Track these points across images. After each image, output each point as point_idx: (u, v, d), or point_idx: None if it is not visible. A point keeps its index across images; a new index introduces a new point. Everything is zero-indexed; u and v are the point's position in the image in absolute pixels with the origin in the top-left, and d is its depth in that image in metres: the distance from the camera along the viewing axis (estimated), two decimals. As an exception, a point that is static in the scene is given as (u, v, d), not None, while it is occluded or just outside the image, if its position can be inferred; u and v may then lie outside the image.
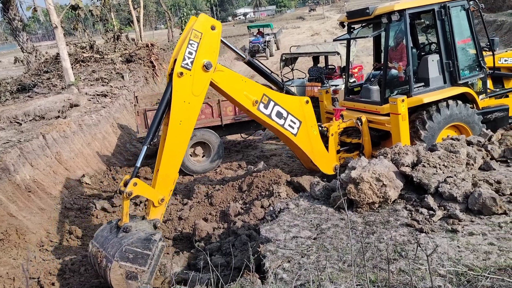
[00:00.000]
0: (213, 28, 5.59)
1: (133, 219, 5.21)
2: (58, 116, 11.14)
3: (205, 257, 4.74)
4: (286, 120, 6.51)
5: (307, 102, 6.82)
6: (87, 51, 18.37)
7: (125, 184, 5.00)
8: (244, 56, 6.51)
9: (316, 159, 7.00)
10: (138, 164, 5.16)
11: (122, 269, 4.55)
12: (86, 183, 9.22)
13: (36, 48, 18.89)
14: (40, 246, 6.71)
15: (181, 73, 5.36)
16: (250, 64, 6.69)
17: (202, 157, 9.76)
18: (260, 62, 6.99)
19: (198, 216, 6.95)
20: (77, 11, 16.24)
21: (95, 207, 8.00)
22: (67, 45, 16.73)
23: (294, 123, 6.61)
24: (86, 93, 13.59)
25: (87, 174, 9.53)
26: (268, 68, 7.05)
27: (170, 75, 5.43)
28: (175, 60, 5.40)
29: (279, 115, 6.42)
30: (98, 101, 12.96)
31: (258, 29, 31.68)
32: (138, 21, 24.20)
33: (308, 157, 6.94)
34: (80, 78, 15.19)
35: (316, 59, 12.30)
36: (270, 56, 28.17)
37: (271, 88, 7.11)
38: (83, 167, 9.76)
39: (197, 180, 8.97)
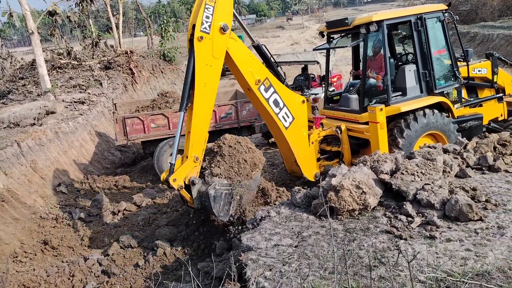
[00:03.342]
0: None
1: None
2: (34, 124, 10.88)
3: (186, 266, 4.70)
4: (281, 110, 6.65)
5: (303, 102, 6.93)
6: (64, 58, 18.05)
7: (167, 181, 5.58)
8: (254, 40, 6.68)
9: (300, 160, 7.06)
10: (173, 161, 5.62)
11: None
12: (63, 192, 9.01)
13: (11, 54, 18.48)
14: (13, 257, 6.50)
15: (201, 37, 5.63)
16: (258, 49, 6.78)
17: (182, 165, 9.67)
18: (268, 53, 6.98)
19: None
20: (54, 17, 16.00)
21: (72, 217, 7.82)
22: (44, 51, 16.42)
23: (288, 117, 6.73)
24: (63, 100, 13.32)
25: (63, 183, 9.32)
26: (274, 59, 7.10)
27: (191, 40, 5.69)
28: (194, 26, 5.62)
29: (276, 103, 6.58)
30: (75, 108, 12.73)
31: None
32: (117, 27, 23.94)
33: (293, 155, 6.99)
34: (57, 85, 14.90)
35: (304, 68, 12.43)
36: None
37: None
38: (59, 175, 9.54)
39: (177, 188, 8.87)
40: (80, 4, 20.45)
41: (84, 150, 10.97)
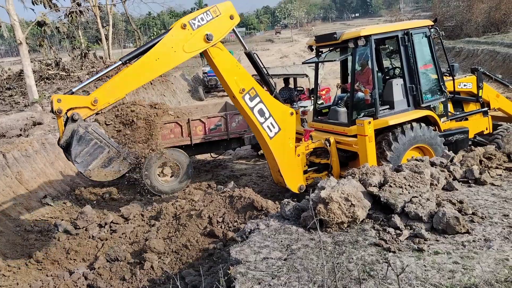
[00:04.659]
0: (231, 17, 6.23)
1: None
2: (20, 135, 10.74)
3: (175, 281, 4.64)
4: (266, 120, 6.75)
5: (291, 114, 6.99)
6: (52, 68, 17.94)
7: (52, 100, 5.16)
8: (246, 47, 6.84)
9: (284, 171, 7.11)
10: (74, 90, 5.35)
11: (94, 170, 5.28)
12: (48, 204, 8.87)
13: (-2, 64, 18.29)
14: (-4, 272, 6.36)
15: (185, 25, 5.83)
16: (249, 56, 6.89)
17: (171, 177, 9.61)
18: (260, 62, 7.09)
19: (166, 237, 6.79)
20: (43, 28, 15.96)
21: (57, 230, 7.68)
22: (32, 61, 16.30)
23: (273, 127, 6.82)
24: (50, 111, 13.18)
25: (49, 195, 9.18)
26: (266, 69, 7.22)
27: (175, 25, 5.90)
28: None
29: (261, 112, 6.69)
30: (63, 119, 12.59)
31: None
32: (107, 39, 23.90)
33: (277, 165, 7.01)
34: (45, 95, 14.77)
35: (286, 81, 12.52)
36: None
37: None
38: (45, 187, 9.40)
39: (165, 200, 8.81)
40: (70, 15, 20.40)
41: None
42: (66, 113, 5.21)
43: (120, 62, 5.62)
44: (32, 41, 27.14)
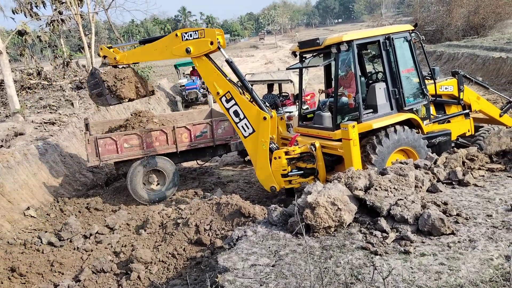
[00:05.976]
0: (211, 43, 7.19)
1: None
2: (1, 146, 10.52)
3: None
4: (241, 121, 7.44)
5: (264, 118, 7.11)
6: (34, 78, 17.66)
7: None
8: (226, 57, 7.44)
9: (257, 170, 7.62)
10: (113, 46, 8.43)
11: (93, 95, 8.53)
12: (31, 216, 8.69)
13: (-23, 74, 17.91)
14: (-23, 287, 6.19)
15: (177, 35, 7.42)
16: (228, 63, 7.49)
17: (157, 185, 9.53)
18: (237, 68, 7.62)
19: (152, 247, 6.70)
20: (24, 37, 15.74)
21: (41, 242, 7.53)
22: (13, 71, 16.03)
23: (248, 128, 7.44)
24: (32, 121, 12.97)
25: (32, 207, 8.99)
26: (242, 75, 7.69)
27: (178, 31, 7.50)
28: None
29: (236, 114, 7.44)
30: (45, 129, 12.40)
31: (193, 68, 21.72)
32: (90, 47, 23.63)
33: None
34: (26, 105, 14.53)
35: (270, 87, 12.56)
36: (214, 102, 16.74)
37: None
38: (28, 199, 9.21)
39: (151, 209, 8.72)
40: (51, 24, 20.14)
41: (54, 172, 10.66)
42: (103, 57, 8.32)
43: (137, 42, 8.48)
44: (13, 51, 26.73)
